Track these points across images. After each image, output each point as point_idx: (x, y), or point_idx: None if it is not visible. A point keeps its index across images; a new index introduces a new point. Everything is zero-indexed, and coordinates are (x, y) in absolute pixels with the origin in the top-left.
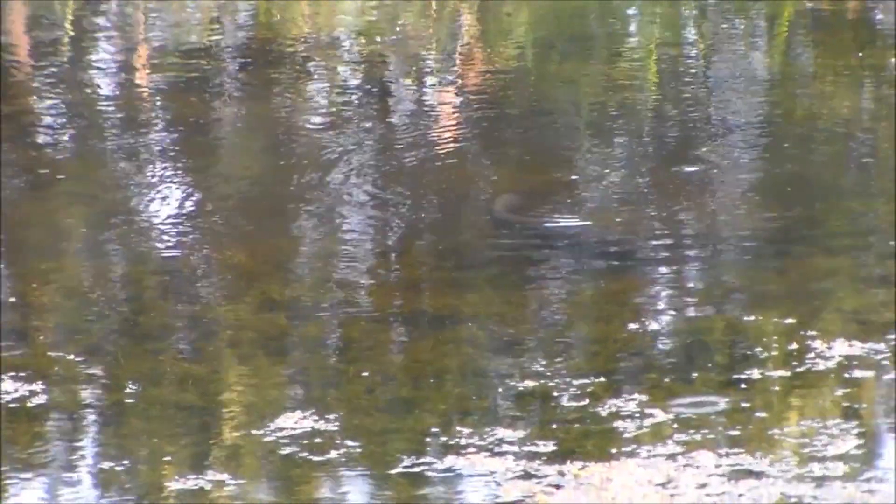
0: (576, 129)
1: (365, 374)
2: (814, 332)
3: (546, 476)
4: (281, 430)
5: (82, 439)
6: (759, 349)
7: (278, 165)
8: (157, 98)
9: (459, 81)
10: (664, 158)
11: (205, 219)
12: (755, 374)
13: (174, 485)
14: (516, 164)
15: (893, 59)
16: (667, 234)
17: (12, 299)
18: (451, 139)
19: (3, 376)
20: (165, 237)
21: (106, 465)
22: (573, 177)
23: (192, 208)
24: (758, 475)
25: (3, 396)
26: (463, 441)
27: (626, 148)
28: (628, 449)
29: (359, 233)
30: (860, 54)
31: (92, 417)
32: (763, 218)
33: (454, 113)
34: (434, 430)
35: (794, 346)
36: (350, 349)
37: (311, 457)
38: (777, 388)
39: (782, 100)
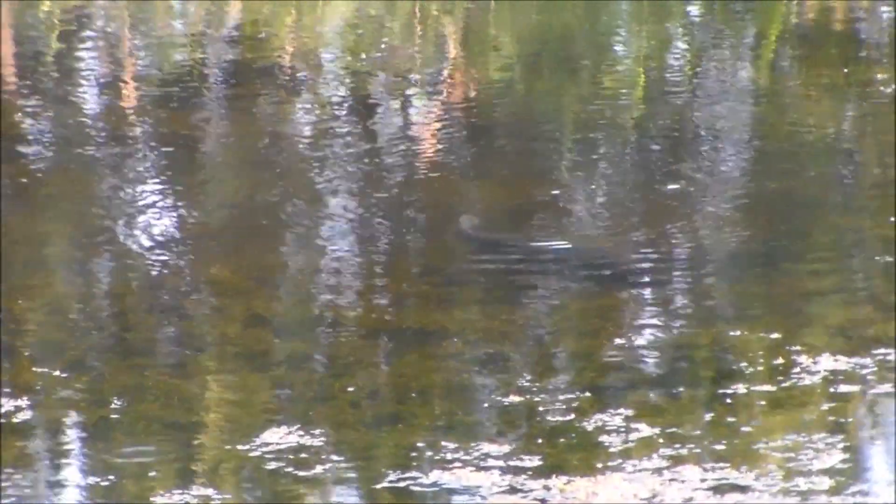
0: (558, 146)
1: (350, 389)
2: (799, 347)
3: (532, 490)
4: (267, 445)
5: (68, 454)
6: (744, 364)
7: (263, 182)
8: (142, 115)
9: (444, 98)
10: (649, 175)
11: (190, 235)
12: (741, 388)
13: (159, 500)
14: (500, 182)
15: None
16: (652, 250)
17: None
18: (435, 157)
19: None
20: (151, 253)
21: (91, 479)
22: (556, 193)
23: (178, 224)
24: (743, 489)
25: None
26: (449, 456)
27: (609, 165)
28: (614, 463)
29: (344, 249)
30: (846, 70)
31: (77, 433)
32: (749, 234)
33: (439, 129)
34: (420, 444)
35: (780, 360)
36: (336, 364)
37: (296, 472)
38: (763, 403)
39: (769, 116)
